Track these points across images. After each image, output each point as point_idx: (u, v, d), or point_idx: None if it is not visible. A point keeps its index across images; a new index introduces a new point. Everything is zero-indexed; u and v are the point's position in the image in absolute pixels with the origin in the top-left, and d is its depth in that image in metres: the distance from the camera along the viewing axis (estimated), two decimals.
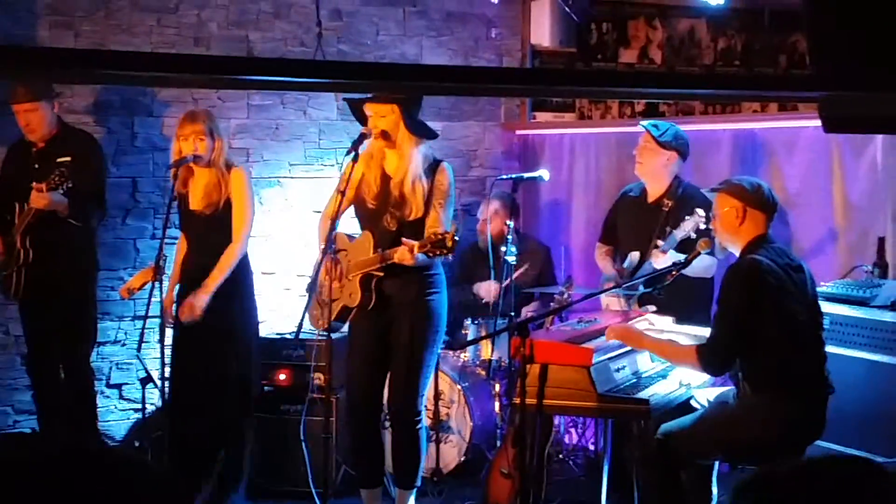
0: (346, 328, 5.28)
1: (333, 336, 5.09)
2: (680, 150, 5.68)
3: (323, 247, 5.02)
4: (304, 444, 5.38)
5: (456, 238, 4.70)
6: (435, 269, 5.16)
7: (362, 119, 5.14)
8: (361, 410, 5.25)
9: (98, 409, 6.07)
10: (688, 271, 5.19)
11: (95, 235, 5.99)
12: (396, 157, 5.08)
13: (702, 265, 5.34)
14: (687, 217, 5.34)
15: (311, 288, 5.27)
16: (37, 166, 5.68)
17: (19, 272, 5.70)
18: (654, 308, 5.35)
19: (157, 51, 6.36)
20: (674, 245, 5.34)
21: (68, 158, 5.62)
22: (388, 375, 5.21)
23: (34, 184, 5.54)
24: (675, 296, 5.28)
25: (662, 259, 5.34)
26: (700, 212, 5.30)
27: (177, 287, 5.54)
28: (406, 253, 4.79)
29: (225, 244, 5.42)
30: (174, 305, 5.48)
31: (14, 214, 5.69)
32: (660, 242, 5.38)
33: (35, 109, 5.74)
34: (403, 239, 4.84)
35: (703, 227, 5.27)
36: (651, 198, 5.76)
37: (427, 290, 5.12)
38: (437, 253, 4.73)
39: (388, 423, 5.37)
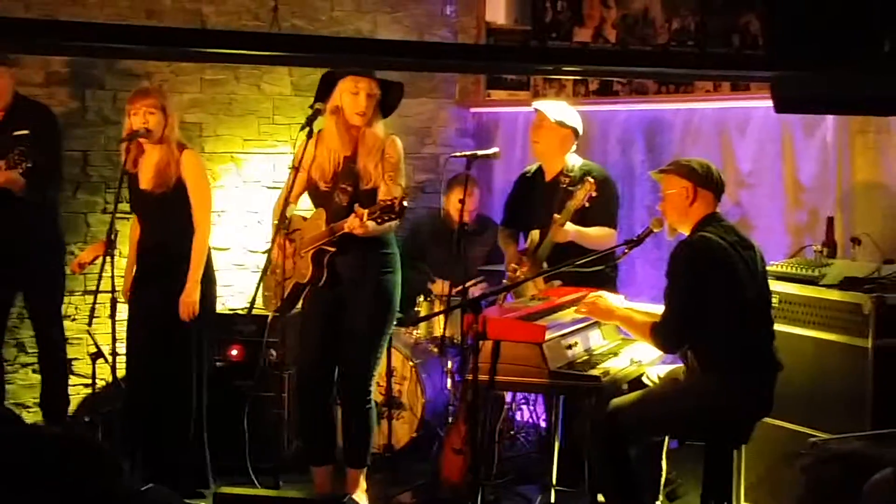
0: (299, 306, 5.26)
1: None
2: (574, 129, 5.74)
3: (276, 224, 5.00)
4: (245, 419, 5.38)
5: (405, 203, 4.69)
6: (390, 249, 5.14)
7: (323, 94, 5.08)
8: (312, 388, 5.23)
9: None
10: (584, 242, 5.40)
11: (55, 209, 5.96)
12: (353, 134, 5.05)
13: (600, 234, 5.49)
14: (578, 186, 5.41)
15: (266, 269, 5.27)
16: None
17: None
18: (559, 283, 5.41)
19: (109, 23, 6.29)
20: (569, 217, 5.40)
21: (26, 132, 5.55)
22: (339, 355, 5.20)
23: None
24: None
25: (562, 233, 5.40)
26: (590, 179, 5.41)
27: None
28: (355, 220, 4.76)
29: (178, 223, 5.36)
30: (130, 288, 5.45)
31: None
32: (556, 216, 5.43)
33: (1, 75, 5.69)
34: (356, 206, 4.82)
35: (594, 195, 5.37)
36: (548, 176, 5.82)
37: (382, 268, 5.10)
38: (386, 218, 4.70)
39: (339, 401, 5.36)
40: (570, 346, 4.89)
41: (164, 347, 5.33)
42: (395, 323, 5.28)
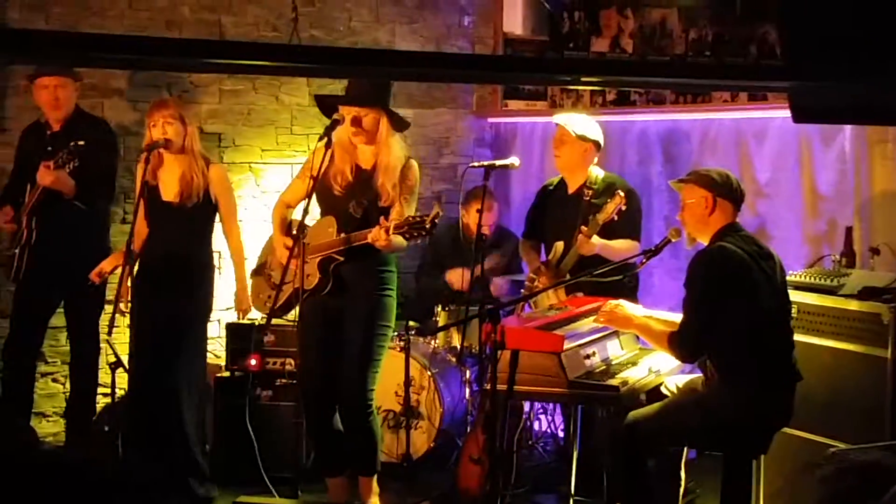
0: (291, 314, 5.28)
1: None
2: (596, 142, 5.75)
3: (294, 233, 5.01)
4: (250, 429, 5.41)
5: (436, 221, 4.69)
6: (390, 267, 5.15)
7: (329, 112, 5.13)
8: (316, 400, 5.22)
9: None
10: (610, 255, 5.42)
11: (106, 220, 6.02)
12: (373, 151, 5.07)
13: (625, 247, 5.52)
14: (608, 199, 5.42)
15: (259, 271, 5.31)
16: (50, 149, 5.65)
17: (22, 252, 5.69)
18: (582, 294, 5.41)
19: (129, 34, 6.32)
20: (597, 229, 5.41)
21: (82, 143, 5.60)
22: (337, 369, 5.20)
23: (42, 161, 5.55)
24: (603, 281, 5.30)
25: (589, 245, 5.41)
26: (620, 192, 5.44)
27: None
28: (381, 233, 4.75)
29: (195, 236, 5.44)
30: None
31: (26, 195, 5.71)
32: (584, 228, 5.44)
33: (65, 85, 5.79)
34: (382, 218, 4.81)
35: (623, 208, 5.40)
36: (571, 189, 5.83)
37: (381, 285, 5.11)
38: (415, 234, 4.70)
39: None
40: (588, 356, 4.89)
41: (168, 354, 5.36)
42: (392, 337, 5.29)
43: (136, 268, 5.41)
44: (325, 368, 5.17)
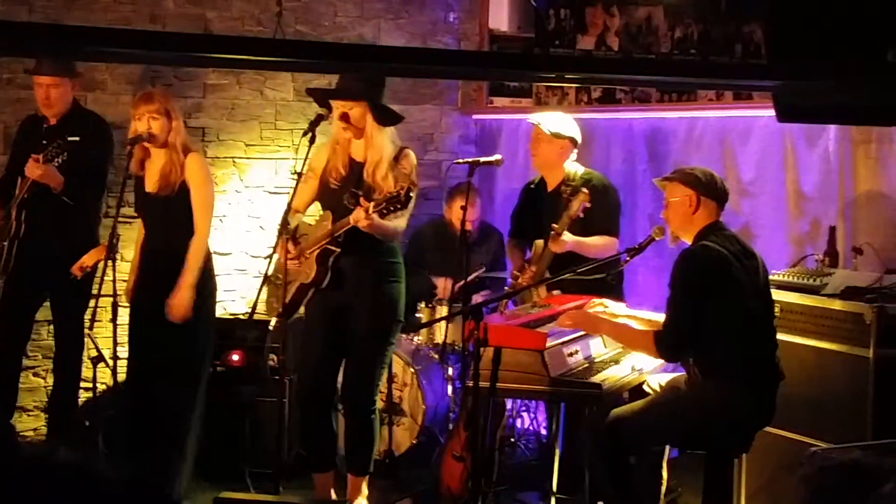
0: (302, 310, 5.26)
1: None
2: (571, 138, 5.74)
3: (284, 234, 5.00)
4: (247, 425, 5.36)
5: (411, 194, 4.69)
6: (395, 258, 5.16)
7: (324, 105, 5.14)
8: (314, 395, 5.23)
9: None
10: (584, 252, 5.42)
11: (96, 215, 5.98)
12: (364, 145, 5.07)
13: (600, 243, 5.52)
14: (573, 197, 5.41)
15: (267, 274, 5.28)
16: (45, 143, 5.62)
17: (10, 246, 5.66)
18: (558, 292, 5.41)
19: (113, 27, 6.29)
20: (566, 227, 5.43)
21: (77, 138, 5.56)
22: (343, 362, 5.20)
23: (32, 155, 5.51)
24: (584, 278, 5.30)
25: (560, 243, 5.42)
26: (584, 190, 5.43)
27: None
28: (360, 212, 4.77)
29: (180, 226, 5.34)
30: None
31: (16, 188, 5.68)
32: (554, 226, 5.44)
33: (57, 84, 5.76)
34: (362, 199, 4.82)
35: (587, 205, 5.39)
36: (550, 187, 5.84)
37: (387, 277, 5.10)
38: (392, 209, 4.71)
39: (341, 408, 5.36)
40: (571, 354, 4.88)
41: (165, 351, 5.31)
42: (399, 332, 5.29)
43: (137, 263, 5.39)
44: (326, 365, 5.17)
